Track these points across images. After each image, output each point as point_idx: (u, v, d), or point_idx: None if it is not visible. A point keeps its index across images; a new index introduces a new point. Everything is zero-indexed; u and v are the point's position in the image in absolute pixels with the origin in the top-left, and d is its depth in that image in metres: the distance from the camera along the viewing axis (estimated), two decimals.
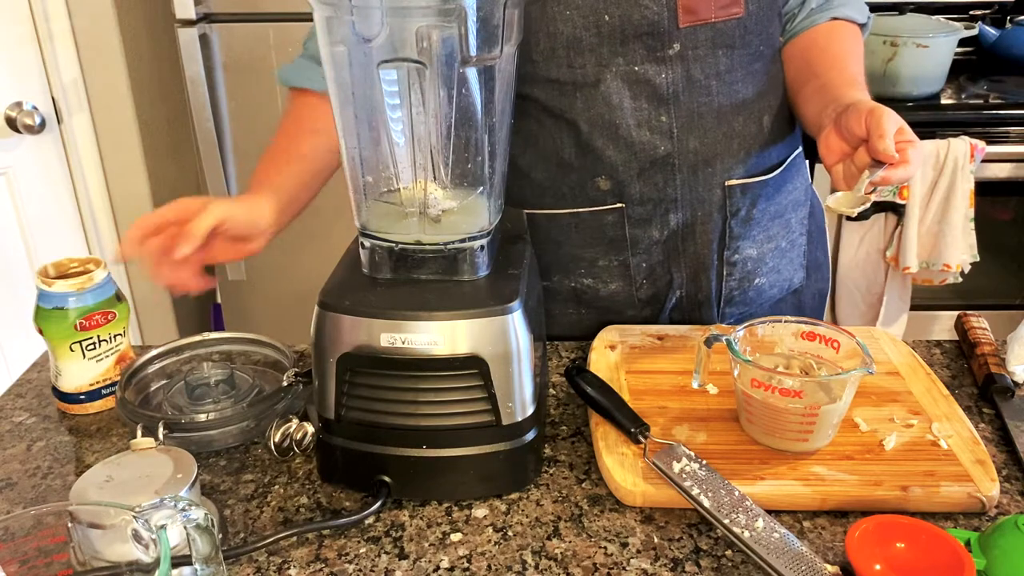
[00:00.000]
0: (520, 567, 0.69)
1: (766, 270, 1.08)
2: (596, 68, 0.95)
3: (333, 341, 0.74)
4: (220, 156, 1.95)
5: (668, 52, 0.95)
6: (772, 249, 1.08)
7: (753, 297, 1.09)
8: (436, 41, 0.72)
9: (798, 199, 1.09)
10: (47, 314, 0.87)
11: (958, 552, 0.63)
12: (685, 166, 0.99)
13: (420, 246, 0.77)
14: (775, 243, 1.08)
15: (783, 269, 1.10)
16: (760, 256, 1.07)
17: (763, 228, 1.06)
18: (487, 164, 0.80)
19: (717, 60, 0.96)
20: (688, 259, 1.04)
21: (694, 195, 1.00)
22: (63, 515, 0.58)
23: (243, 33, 1.92)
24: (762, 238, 1.06)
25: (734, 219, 1.03)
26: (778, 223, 1.07)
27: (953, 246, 2.02)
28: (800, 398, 0.76)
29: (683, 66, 0.95)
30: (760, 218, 1.05)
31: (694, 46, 0.95)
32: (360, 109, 0.77)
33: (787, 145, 1.07)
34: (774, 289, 1.10)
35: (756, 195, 1.03)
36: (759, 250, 1.06)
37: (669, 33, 0.94)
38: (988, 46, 2.34)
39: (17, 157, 1.74)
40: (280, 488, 0.79)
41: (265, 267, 2.13)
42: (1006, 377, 0.91)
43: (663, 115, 0.97)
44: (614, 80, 0.95)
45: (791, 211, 1.08)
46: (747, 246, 1.05)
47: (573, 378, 0.87)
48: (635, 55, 0.94)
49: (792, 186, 1.08)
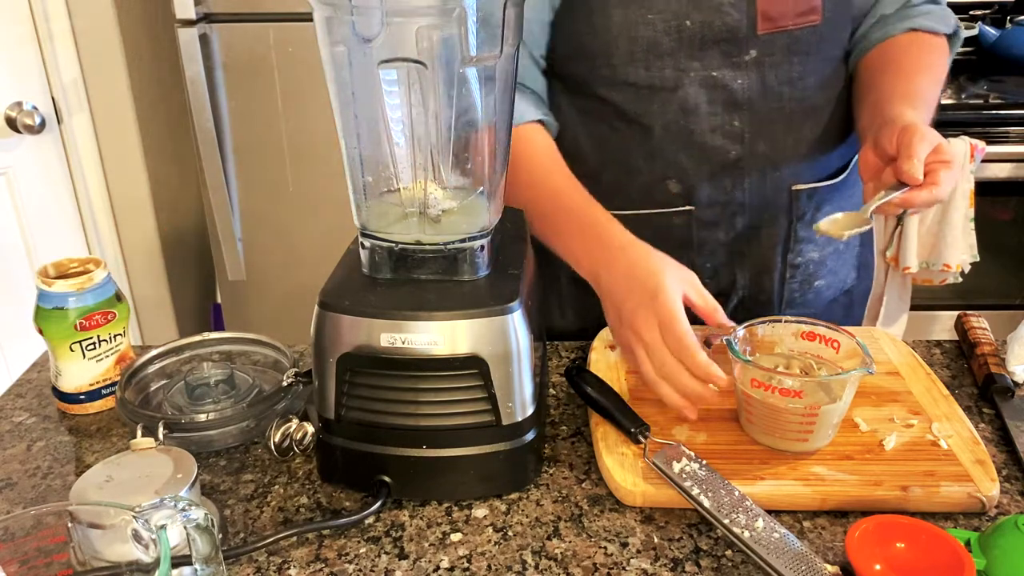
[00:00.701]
0: (520, 567, 0.69)
1: (825, 272, 1.09)
2: (675, 73, 0.95)
3: (333, 341, 0.74)
4: (220, 156, 1.95)
5: (744, 58, 0.95)
6: (831, 252, 1.08)
7: (812, 299, 1.09)
8: (436, 41, 0.72)
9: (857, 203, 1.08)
10: (47, 314, 0.87)
11: (958, 552, 0.63)
12: (754, 170, 0.99)
13: (420, 246, 0.77)
14: (834, 245, 1.08)
15: (839, 270, 1.11)
16: (821, 259, 1.07)
17: None
18: (487, 164, 0.80)
19: (791, 67, 0.97)
20: (752, 261, 1.05)
21: (761, 199, 1.01)
22: (63, 515, 0.58)
23: (243, 33, 1.92)
24: (824, 241, 1.06)
25: (799, 223, 1.03)
26: None
27: (953, 246, 2.02)
28: (800, 398, 0.76)
29: (758, 72, 0.96)
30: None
31: (771, 53, 0.95)
32: (360, 109, 0.77)
33: (851, 148, 1.06)
34: (831, 290, 1.11)
35: (822, 199, 1.04)
36: (820, 253, 1.07)
37: (747, 40, 0.94)
38: (988, 46, 2.34)
39: (17, 157, 1.74)
40: (280, 488, 0.79)
41: (265, 267, 2.13)
42: (1006, 377, 0.91)
43: (736, 120, 0.97)
44: (692, 85, 0.96)
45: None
46: (810, 249, 1.06)
47: (573, 378, 0.87)
48: (712, 60, 0.95)
49: (855, 190, 1.07)
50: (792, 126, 0.99)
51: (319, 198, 2.05)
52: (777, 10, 0.94)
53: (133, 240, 2.13)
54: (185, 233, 2.32)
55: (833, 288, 1.11)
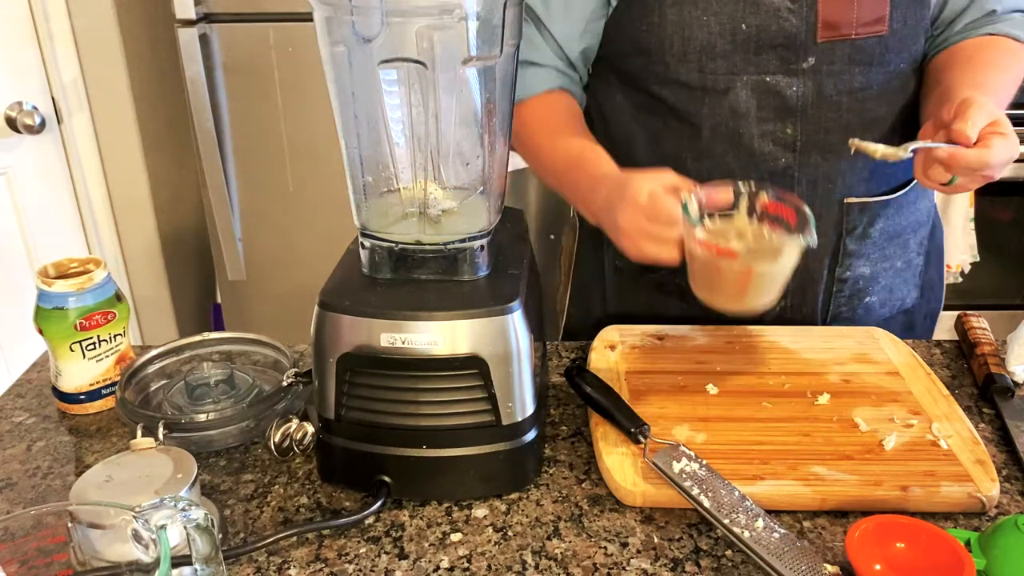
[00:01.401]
0: (520, 567, 0.69)
1: (878, 288, 1.06)
2: (727, 75, 0.94)
3: (333, 341, 0.74)
4: (220, 156, 1.95)
5: (802, 65, 0.93)
6: (887, 268, 1.05)
7: (862, 315, 1.07)
8: (436, 41, 0.72)
9: (919, 220, 1.07)
10: (47, 314, 0.87)
11: (958, 552, 0.63)
12: (805, 179, 0.98)
13: (420, 246, 0.77)
14: (890, 262, 1.05)
15: (896, 288, 1.08)
16: (873, 275, 1.05)
17: (879, 247, 1.03)
18: (487, 164, 0.80)
19: (852, 77, 0.94)
20: (797, 272, 1.02)
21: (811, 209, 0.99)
22: (63, 515, 0.58)
23: (243, 33, 1.92)
24: (877, 256, 1.04)
25: (849, 236, 1.01)
26: (896, 243, 1.05)
27: (953, 246, 2.02)
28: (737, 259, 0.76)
29: (815, 80, 0.94)
30: (877, 237, 1.02)
31: (830, 61, 0.93)
32: (360, 109, 0.77)
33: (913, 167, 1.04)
34: (884, 308, 1.08)
35: (875, 214, 1.01)
36: (872, 269, 1.04)
37: (805, 47, 0.93)
38: None
39: (17, 157, 1.74)
40: (280, 488, 0.79)
41: (265, 267, 2.13)
42: (1006, 377, 0.91)
43: (788, 127, 0.96)
44: (743, 89, 0.95)
45: (910, 232, 1.06)
46: (860, 264, 1.03)
47: (573, 378, 0.87)
48: (768, 65, 0.94)
49: (915, 208, 1.05)
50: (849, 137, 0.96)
51: (319, 198, 2.05)
52: (840, 18, 0.91)
53: (133, 240, 2.13)
54: (185, 233, 2.32)
55: (888, 307, 1.08)
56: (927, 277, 1.12)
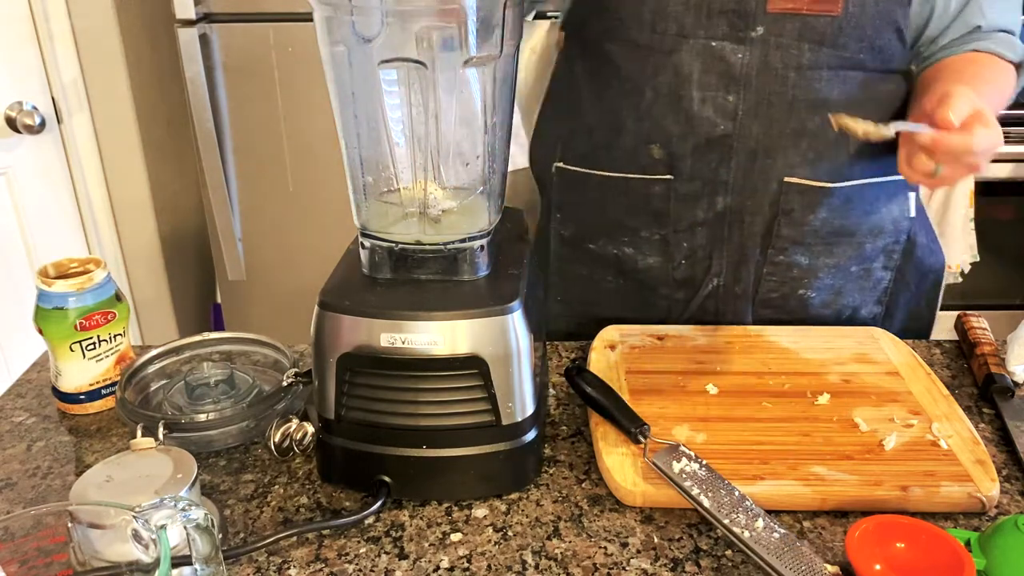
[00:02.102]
0: (520, 567, 0.69)
1: (818, 285, 1.04)
2: (676, 37, 0.94)
3: (333, 341, 0.74)
4: (220, 156, 1.95)
5: (750, 34, 0.93)
6: (831, 266, 1.04)
7: (795, 307, 1.05)
8: (436, 41, 0.72)
9: (881, 227, 1.04)
10: (47, 314, 0.87)
11: (958, 552, 0.63)
12: (743, 150, 0.97)
13: (420, 246, 0.77)
14: (836, 260, 1.04)
15: (847, 294, 1.06)
16: (812, 268, 1.03)
17: (822, 239, 1.02)
18: (487, 164, 0.80)
19: (801, 53, 0.94)
20: (731, 248, 1.02)
21: (747, 183, 0.99)
22: (63, 515, 0.58)
23: (243, 33, 1.92)
24: (820, 250, 1.02)
25: (785, 218, 1.00)
26: (847, 243, 1.03)
27: (953, 246, 2.02)
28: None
29: (762, 50, 0.94)
30: (819, 228, 1.01)
31: (779, 33, 0.93)
32: (360, 109, 0.77)
33: (879, 167, 1.02)
34: (827, 309, 1.06)
35: (816, 201, 0.99)
36: (813, 261, 1.03)
37: (755, 15, 0.93)
38: None
39: (17, 157, 1.74)
40: (280, 488, 0.79)
41: (265, 267, 2.13)
42: (1006, 377, 0.91)
43: (731, 95, 0.95)
44: (689, 52, 0.95)
45: (867, 236, 1.04)
46: (797, 252, 1.02)
47: (573, 378, 0.87)
48: (717, 30, 0.94)
49: (871, 208, 1.03)
50: (794, 115, 0.96)
51: (319, 198, 2.05)
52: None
53: (133, 240, 2.13)
54: (185, 233, 2.32)
55: (832, 309, 1.06)
56: (903, 300, 1.10)
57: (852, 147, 0.98)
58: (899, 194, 1.05)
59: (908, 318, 1.12)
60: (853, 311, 1.08)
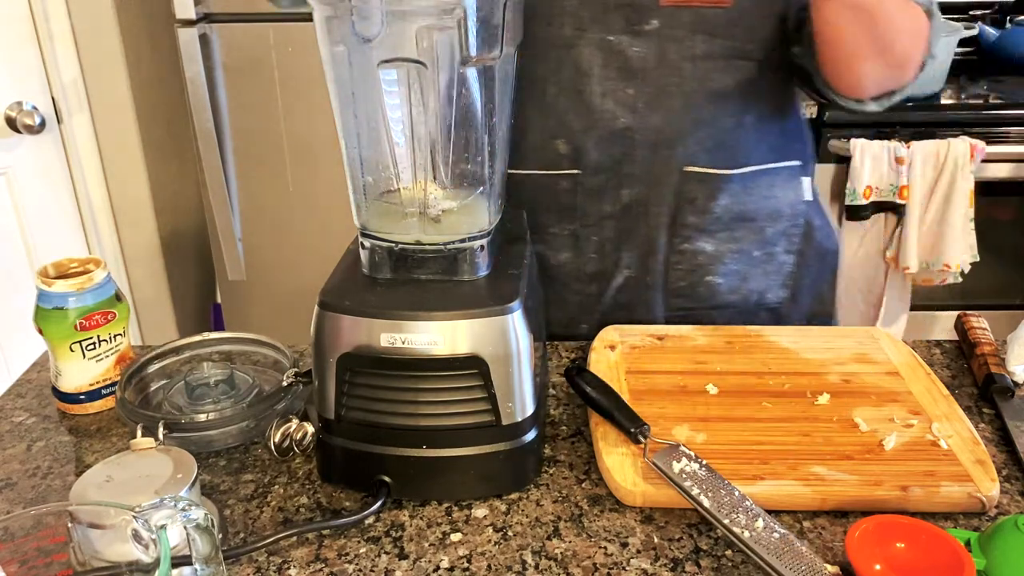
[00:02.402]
0: (520, 567, 0.69)
1: (724, 271, 1.06)
2: (573, 32, 0.96)
3: (333, 341, 0.74)
4: (220, 156, 1.95)
5: (645, 27, 0.95)
6: (735, 252, 1.06)
7: (704, 294, 1.07)
8: (436, 41, 0.72)
9: (779, 210, 1.07)
10: (47, 314, 0.87)
11: (958, 552, 0.63)
12: (645, 143, 0.99)
13: (420, 246, 0.77)
14: (740, 246, 1.06)
15: (753, 279, 1.08)
16: (717, 254, 1.05)
17: (725, 226, 1.04)
18: (487, 164, 0.80)
19: (695, 44, 0.96)
20: (639, 240, 1.04)
21: (651, 174, 1.01)
22: (63, 515, 0.58)
23: (243, 33, 1.92)
24: (724, 236, 1.05)
25: (689, 206, 1.02)
26: (748, 227, 1.05)
27: (953, 246, 2.02)
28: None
29: (658, 43, 0.95)
30: (721, 214, 1.04)
31: (672, 26, 0.95)
32: (360, 109, 0.77)
33: (774, 152, 1.05)
34: (735, 295, 1.08)
35: (717, 188, 1.02)
36: (717, 248, 1.05)
37: (649, 9, 0.94)
38: (988, 46, 2.34)
39: (17, 157, 1.74)
40: (280, 488, 0.79)
41: (265, 267, 2.13)
42: (1006, 377, 0.91)
43: (630, 88, 0.97)
44: (587, 46, 0.96)
45: (767, 220, 1.06)
46: (702, 239, 1.04)
47: (573, 378, 0.87)
48: (613, 25, 0.95)
49: (769, 194, 1.05)
50: (691, 105, 0.98)
51: (319, 198, 2.05)
52: None
53: (133, 240, 2.13)
54: (185, 233, 2.33)
55: (740, 295, 1.08)
56: (805, 284, 1.11)
57: (752, 136, 1.02)
58: (794, 179, 1.08)
59: (813, 301, 1.14)
60: (760, 295, 1.10)
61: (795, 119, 1.08)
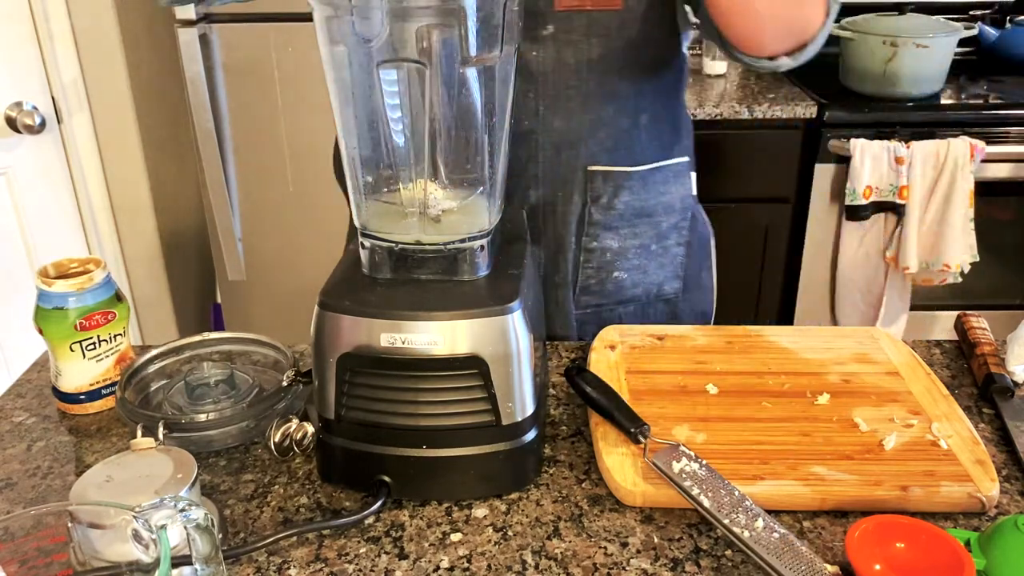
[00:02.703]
0: (520, 567, 0.69)
1: (628, 266, 1.09)
2: None
3: (333, 341, 0.74)
4: (220, 156, 1.95)
5: (542, 32, 0.96)
6: (637, 247, 1.09)
7: (612, 290, 1.09)
8: (436, 41, 0.72)
9: (671, 204, 1.09)
10: (47, 314, 0.87)
11: (958, 552, 0.63)
12: (548, 144, 1.01)
13: (420, 246, 0.77)
14: (640, 240, 1.08)
15: (652, 272, 1.11)
16: (622, 250, 1.08)
17: (627, 222, 1.07)
18: (487, 164, 0.80)
19: (590, 47, 0.97)
20: (548, 239, 1.06)
21: (556, 175, 1.03)
22: (63, 515, 0.58)
23: (243, 33, 1.92)
24: (627, 232, 1.07)
25: (594, 205, 1.04)
26: (647, 222, 1.08)
27: (953, 246, 2.02)
28: None
29: (555, 47, 0.97)
30: (624, 211, 1.06)
31: (567, 30, 0.96)
32: (360, 109, 0.77)
33: (666, 150, 1.08)
34: (637, 288, 1.11)
35: (619, 186, 1.04)
36: (621, 243, 1.07)
37: (544, 14, 0.96)
38: (988, 46, 2.35)
39: (17, 157, 1.74)
40: (280, 488, 0.79)
41: (265, 267, 2.13)
42: (1006, 377, 0.91)
43: (530, 92, 0.99)
44: None
45: (662, 214, 1.09)
46: (608, 236, 1.06)
47: (573, 378, 0.87)
48: None
49: (663, 189, 1.08)
50: (590, 106, 1.00)
51: (319, 198, 2.05)
52: None
53: (133, 240, 2.13)
54: (185, 233, 2.33)
55: (642, 288, 1.11)
56: (693, 273, 1.15)
57: (648, 135, 1.05)
58: (683, 174, 1.11)
59: (697, 290, 1.17)
60: (658, 287, 1.12)
61: (683, 117, 1.11)
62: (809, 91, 2.13)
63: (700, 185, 1.17)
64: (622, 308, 1.11)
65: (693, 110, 2.01)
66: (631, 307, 1.11)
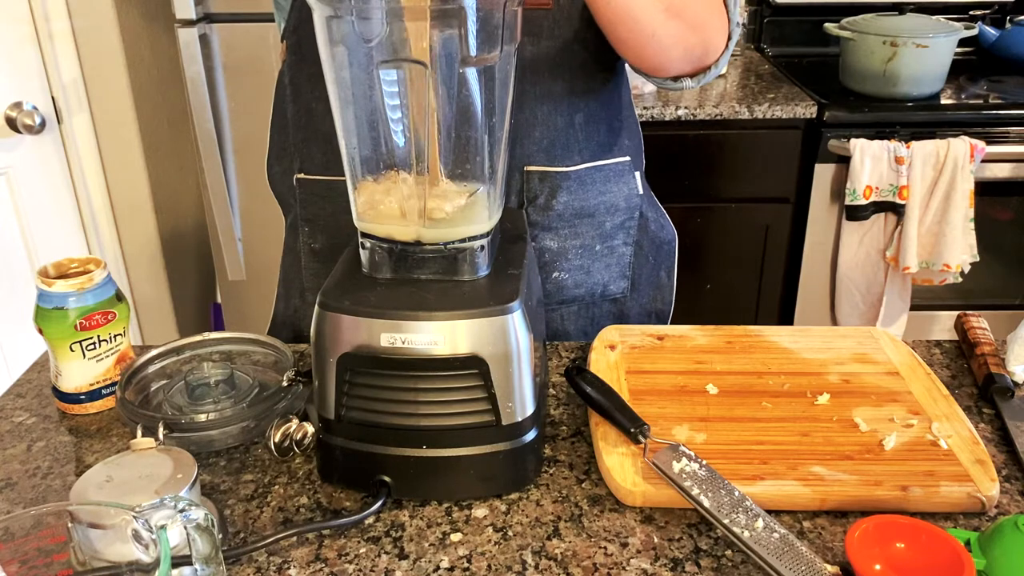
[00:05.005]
0: (520, 567, 0.69)
1: (569, 267, 1.08)
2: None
3: (333, 341, 0.74)
4: (220, 156, 1.95)
5: None
6: (579, 247, 1.08)
7: (553, 291, 1.09)
8: (436, 41, 0.72)
9: (614, 204, 1.08)
10: (47, 314, 0.87)
11: (958, 552, 0.63)
12: None
13: (420, 246, 0.77)
14: (581, 241, 1.08)
15: (596, 272, 1.10)
16: (562, 250, 1.07)
17: (567, 222, 1.06)
18: (487, 164, 0.80)
19: (523, 47, 0.96)
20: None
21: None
22: (63, 515, 0.58)
23: (243, 33, 1.92)
24: (567, 233, 1.06)
25: (531, 206, 1.04)
26: (588, 223, 1.07)
27: (953, 246, 2.02)
28: None
29: None
30: (563, 211, 1.05)
31: None
32: (360, 109, 0.77)
33: (604, 151, 1.07)
34: (580, 289, 1.10)
35: (557, 186, 1.04)
36: (561, 244, 1.07)
37: None
38: (988, 46, 2.35)
39: (17, 157, 1.74)
40: (280, 488, 0.79)
41: (265, 267, 2.13)
42: (1006, 377, 0.91)
43: None
44: None
45: (605, 214, 1.08)
46: (547, 237, 1.06)
47: (573, 378, 0.87)
48: None
49: (604, 189, 1.07)
50: (524, 106, 0.99)
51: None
52: None
53: (133, 240, 2.13)
54: (185, 233, 2.33)
55: (585, 288, 1.10)
56: (643, 273, 1.14)
57: (584, 135, 1.04)
58: (626, 174, 1.10)
59: (652, 291, 1.16)
60: (603, 287, 1.11)
61: (624, 116, 1.10)
62: (809, 91, 2.13)
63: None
64: (564, 308, 1.09)
65: (693, 110, 2.01)
66: (574, 307, 1.10)
